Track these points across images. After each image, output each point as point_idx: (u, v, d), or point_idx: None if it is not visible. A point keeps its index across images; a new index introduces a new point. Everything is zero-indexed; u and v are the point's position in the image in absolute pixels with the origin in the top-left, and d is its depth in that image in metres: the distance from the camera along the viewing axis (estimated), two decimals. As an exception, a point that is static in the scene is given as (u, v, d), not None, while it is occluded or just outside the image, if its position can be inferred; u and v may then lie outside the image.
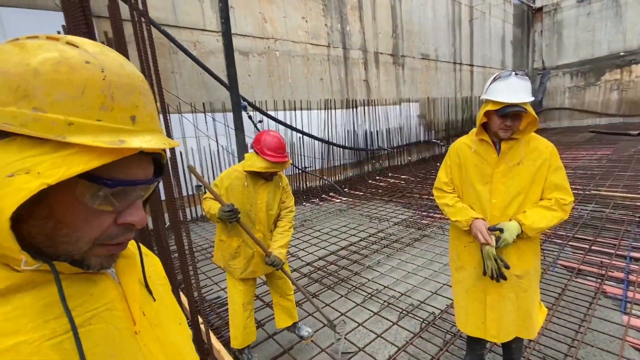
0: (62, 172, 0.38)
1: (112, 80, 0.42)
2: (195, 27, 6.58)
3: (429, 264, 3.80)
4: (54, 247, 0.43)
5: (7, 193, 0.36)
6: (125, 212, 0.46)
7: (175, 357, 0.58)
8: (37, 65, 0.39)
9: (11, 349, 0.38)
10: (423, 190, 7.22)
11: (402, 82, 11.12)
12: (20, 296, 0.41)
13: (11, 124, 0.38)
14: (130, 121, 0.44)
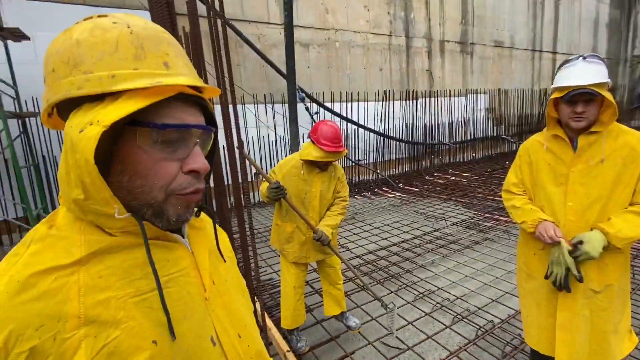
0: (114, 115, 0.42)
1: (138, 33, 0.46)
2: (260, 21, 6.82)
3: (490, 270, 3.49)
4: (136, 199, 0.47)
5: (84, 145, 0.41)
6: (187, 159, 0.49)
7: (239, 324, 0.61)
8: (77, 36, 0.45)
9: (103, 302, 0.43)
10: (487, 190, 6.65)
11: (470, 72, 10.29)
12: (110, 257, 0.46)
13: (70, 89, 0.43)
14: (164, 67, 0.47)
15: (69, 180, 0.44)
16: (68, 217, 0.47)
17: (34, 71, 5.03)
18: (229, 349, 0.57)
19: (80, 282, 0.43)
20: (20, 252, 0.44)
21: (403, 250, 4.07)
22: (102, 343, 0.42)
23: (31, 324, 0.39)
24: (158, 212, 0.48)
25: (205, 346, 0.52)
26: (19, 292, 0.40)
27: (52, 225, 0.47)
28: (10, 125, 4.50)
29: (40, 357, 0.39)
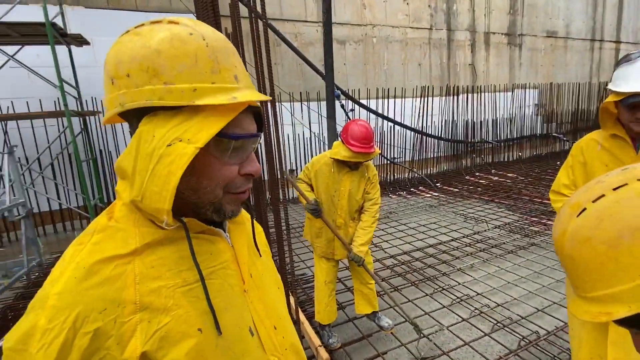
0: (204, 135, 0.45)
1: (213, 46, 0.48)
2: (297, 19, 6.89)
3: (536, 277, 3.26)
4: (200, 198, 0.51)
5: (173, 160, 0.44)
6: (245, 164, 0.53)
7: (274, 316, 0.63)
8: (156, 45, 0.46)
9: (155, 291, 0.47)
10: (535, 192, 6.20)
11: (518, 65, 9.63)
12: (161, 249, 0.50)
13: (152, 99, 0.45)
14: (235, 80, 0.50)
15: (133, 182, 0.47)
16: (124, 210, 0.51)
17: (93, 74, 5.51)
18: (266, 339, 0.59)
19: (135, 271, 0.46)
20: (84, 241, 0.48)
21: (440, 252, 3.93)
22: (155, 328, 0.45)
23: (95, 308, 0.42)
24: (218, 208, 0.53)
25: (244, 336, 0.55)
26: (85, 278, 0.43)
27: (111, 217, 0.51)
28: (73, 123, 4.96)
29: (103, 337, 0.42)
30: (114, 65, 0.47)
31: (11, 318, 2.41)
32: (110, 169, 5.79)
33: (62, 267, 0.46)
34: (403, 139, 7.93)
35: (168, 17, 0.49)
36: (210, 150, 0.49)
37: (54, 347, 0.39)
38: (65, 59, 4.99)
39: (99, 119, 5.63)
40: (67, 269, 0.45)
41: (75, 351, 0.40)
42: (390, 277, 3.37)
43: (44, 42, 4.57)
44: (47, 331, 0.40)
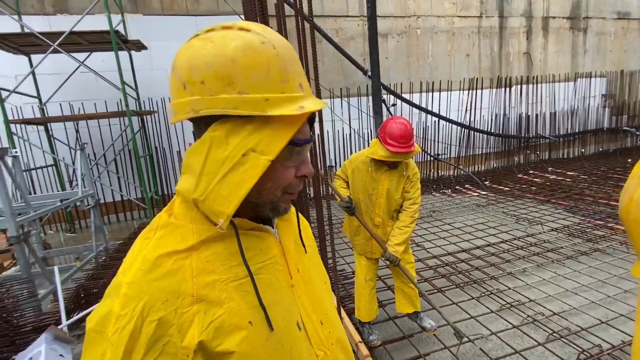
0: (276, 147, 0.48)
1: (282, 54, 0.49)
2: (338, 15, 6.86)
3: (601, 286, 2.95)
4: (261, 198, 0.54)
5: (247, 169, 0.47)
6: (300, 166, 0.56)
7: (321, 311, 0.64)
8: (232, 54, 0.46)
9: (210, 284, 0.49)
10: (600, 192, 5.59)
11: (582, 52, 8.71)
12: (215, 245, 0.52)
13: (226, 108, 0.46)
14: (300, 88, 0.51)
15: (199, 182, 0.49)
16: (182, 208, 0.54)
17: (149, 76, 5.97)
18: (313, 334, 0.60)
19: (192, 265, 0.49)
20: (150, 236, 0.52)
21: (488, 254, 3.71)
22: (210, 319, 0.48)
23: (159, 298, 0.46)
24: (275, 207, 0.56)
25: (292, 330, 0.56)
26: (150, 270, 0.47)
27: (170, 214, 0.54)
28: (132, 122, 5.42)
29: (165, 325, 0.45)
30: (187, 71, 0.48)
31: (83, 296, 2.72)
32: (164, 165, 6.25)
33: (132, 258, 0.50)
34: (448, 134, 7.58)
35: (238, 23, 0.50)
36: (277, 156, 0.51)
37: (126, 332, 0.44)
38: (126, 63, 5.46)
39: (154, 118, 6.08)
40: (135, 261, 0.49)
41: (143, 337, 0.44)
42: (433, 278, 3.25)
43: (109, 48, 5.04)
44: (120, 317, 0.44)
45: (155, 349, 0.45)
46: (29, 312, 2.39)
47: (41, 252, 3.64)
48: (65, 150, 5.70)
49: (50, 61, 5.05)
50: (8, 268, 4.03)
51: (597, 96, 8.94)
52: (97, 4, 4.81)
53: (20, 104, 5.38)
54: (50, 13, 5.47)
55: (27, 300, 2.52)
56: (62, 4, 5.52)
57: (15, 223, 2.72)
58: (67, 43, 4.74)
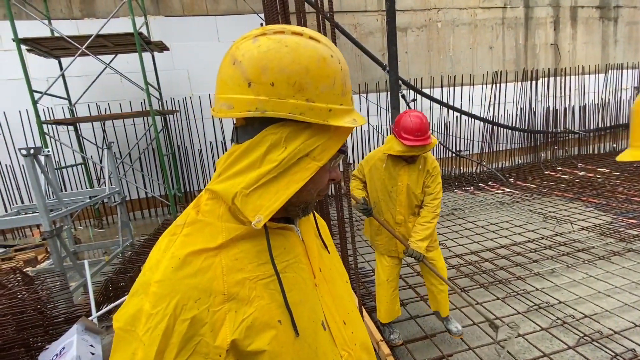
0: (327, 155, 0.51)
1: (345, 69, 0.53)
2: (356, 10, 6.78)
3: (634, 288, 2.79)
4: (299, 199, 0.54)
5: (297, 172, 0.49)
6: (331, 171, 0.58)
7: (343, 311, 0.63)
8: (306, 63, 0.48)
9: (240, 282, 0.49)
10: (633, 190, 5.29)
11: (613, 42, 8.25)
12: (243, 243, 0.52)
13: (294, 113, 0.48)
14: (351, 102, 0.55)
15: (246, 178, 0.49)
16: (209, 205, 0.53)
17: (171, 77, 6.11)
18: (336, 334, 0.59)
19: (222, 263, 0.49)
20: (177, 232, 0.51)
21: (514, 254, 3.58)
22: (241, 318, 0.47)
23: (192, 297, 0.45)
24: (305, 207, 0.58)
25: (317, 330, 0.55)
26: (180, 267, 0.46)
27: (198, 211, 0.54)
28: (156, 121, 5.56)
29: (198, 324, 0.45)
30: (257, 70, 0.47)
31: (111, 289, 2.83)
32: (186, 163, 6.40)
33: (159, 255, 0.49)
34: (471, 129, 7.36)
35: (307, 31, 0.51)
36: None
37: (158, 332, 0.43)
38: (149, 64, 5.60)
39: (177, 117, 6.23)
40: (163, 258, 0.48)
41: (176, 336, 0.43)
42: (456, 277, 3.17)
43: (133, 50, 5.19)
44: (152, 316, 0.44)
45: (188, 349, 0.44)
46: (61, 304, 2.50)
47: (72, 247, 3.81)
48: (93, 149, 5.93)
49: (78, 64, 5.26)
50: (42, 262, 4.25)
51: (630, 88, 8.44)
52: (122, 7, 4.96)
53: (51, 105, 5.64)
54: (78, 17, 5.69)
55: (60, 292, 2.64)
56: (88, 9, 5.73)
57: (49, 219, 2.85)
58: (94, 46, 4.92)
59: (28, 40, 4.67)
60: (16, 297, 2.23)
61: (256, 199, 0.48)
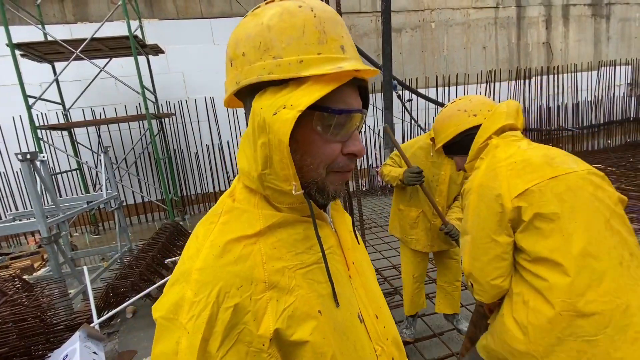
0: (306, 100, 0.44)
1: (321, 16, 0.48)
2: (351, 11, 6.81)
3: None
4: (304, 176, 0.50)
5: (279, 126, 0.44)
6: (348, 143, 0.51)
7: (375, 305, 0.62)
8: (268, 21, 0.47)
9: (280, 271, 0.47)
10: (630, 185, 5.36)
11: (605, 39, 8.38)
12: (280, 231, 0.50)
13: (262, 74, 0.46)
14: (341, 50, 0.48)
15: (256, 157, 0.48)
16: (244, 193, 0.52)
17: (167, 80, 6.08)
18: (370, 328, 0.57)
19: (262, 251, 0.47)
20: (214, 221, 0.50)
21: (514, 249, 3.60)
22: (283, 307, 0.46)
23: (234, 284, 0.44)
24: (321, 188, 0.52)
25: (355, 322, 0.54)
26: (221, 255, 0.45)
27: (234, 199, 0.52)
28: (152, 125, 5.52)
29: (241, 312, 0.43)
30: (232, 47, 0.49)
31: (112, 295, 2.78)
32: (183, 166, 6.35)
33: (198, 243, 0.48)
34: (466, 128, 7.41)
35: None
36: (313, 126, 0.48)
37: (202, 319, 0.42)
38: (144, 67, 5.57)
39: (173, 121, 6.19)
40: (203, 246, 0.47)
41: (219, 324, 0.42)
42: (459, 274, 3.18)
43: (128, 53, 5.15)
44: (195, 304, 0.43)
45: (231, 337, 0.43)
46: (61, 311, 2.45)
47: (69, 253, 3.75)
48: (88, 154, 5.86)
49: (73, 68, 5.21)
50: (38, 269, 4.18)
51: (623, 85, 8.58)
52: (116, 10, 4.92)
53: (45, 110, 5.57)
54: (72, 22, 5.64)
55: (59, 299, 2.59)
56: (82, 13, 5.68)
57: (47, 224, 2.80)
58: (88, 50, 4.88)
59: (22, 45, 4.62)
60: (17, 305, 2.19)
61: (277, 172, 0.47)
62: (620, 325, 0.85)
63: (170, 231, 4.03)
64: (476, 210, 1.05)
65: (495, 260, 1.00)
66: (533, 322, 0.92)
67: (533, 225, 0.94)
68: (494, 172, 1.02)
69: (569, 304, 0.87)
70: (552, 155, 1.01)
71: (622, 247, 0.91)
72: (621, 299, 0.86)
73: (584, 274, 0.88)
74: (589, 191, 0.94)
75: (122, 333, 2.71)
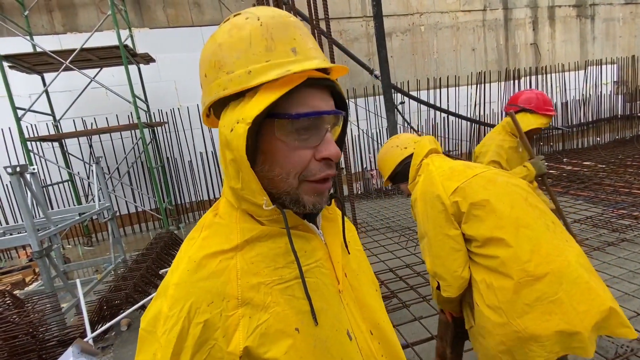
0: (254, 111, 0.44)
1: (267, 23, 0.47)
2: (341, 17, 6.86)
3: (632, 277, 2.84)
4: (275, 187, 0.49)
5: (236, 143, 0.45)
6: (319, 147, 0.49)
7: (371, 320, 0.58)
8: (219, 39, 0.48)
9: (255, 287, 0.47)
10: (620, 181, 5.44)
11: (591, 39, 8.55)
12: (259, 245, 0.49)
13: (218, 91, 0.47)
14: (292, 53, 0.47)
15: (229, 173, 0.49)
16: (227, 207, 0.52)
17: (158, 88, 6.05)
18: (363, 345, 0.54)
19: (237, 266, 0.47)
20: (195, 237, 0.51)
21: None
22: (255, 324, 0.45)
23: (205, 300, 0.44)
24: (295, 199, 0.49)
25: (342, 340, 0.51)
26: (195, 271, 0.45)
27: (216, 214, 0.53)
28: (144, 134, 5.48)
29: (211, 328, 0.43)
30: (199, 72, 0.51)
31: (106, 308, 2.73)
32: (176, 175, 6.30)
33: (179, 259, 0.49)
34: (458, 130, 7.48)
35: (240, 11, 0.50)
36: (276, 133, 0.47)
37: (173, 333, 0.42)
38: (135, 76, 5.54)
39: (165, 129, 6.15)
40: (182, 262, 0.48)
41: (190, 339, 0.43)
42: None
43: (118, 63, 5.12)
44: (168, 318, 0.43)
45: (202, 352, 0.43)
46: (53, 326, 2.40)
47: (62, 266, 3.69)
48: (80, 165, 5.79)
49: (62, 79, 5.16)
50: (30, 284, 4.09)
51: (610, 83, 8.74)
52: (105, 20, 4.90)
53: (35, 122, 5.50)
54: (61, 32, 5.60)
55: (52, 314, 2.54)
56: (71, 23, 5.65)
57: (38, 238, 2.75)
58: (78, 60, 4.84)
59: (10, 57, 4.57)
60: (8, 322, 2.14)
61: (246, 187, 0.47)
62: (571, 278, 1.00)
63: (164, 241, 3.99)
64: (425, 213, 1.25)
65: (451, 252, 1.16)
66: (502, 300, 1.05)
67: (472, 214, 1.13)
68: (430, 180, 1.25)
69: (522, 270, 1.02)
70: (469, 164, 1.31)
71: (544, 217, 1.12)
72: (561, 257, 1.03)
73: (524, 242, 1.05)
74: (504, 180, 1.19)
75: (117, 346, 2.66)
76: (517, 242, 1.05)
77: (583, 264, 1.05)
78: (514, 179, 1.23)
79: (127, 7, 5.58)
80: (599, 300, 0.98)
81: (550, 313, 0.98)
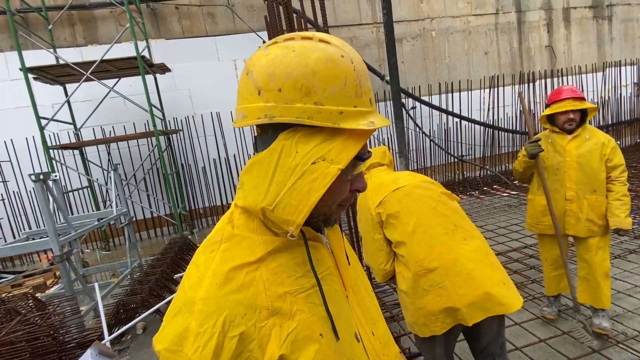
0: (345, 156, 0.47)
1: (359, 69, 0.49)
2: (352, 24, 6.92)
3: (656, 286, 2.73)
4: (317, 210, 0.51)
5: (317, 177, 0.46)
6: (354, 181, 0.55)
7: (371, 322, 0.63)
8: (313, 65, 0.46)
9: (281, 296, 0.48)
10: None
11: (609, 40, 8.34)
12: (280, 256, 0.51)
13: (301, 117, 0.46)
14: (370, 104, 0.50)
15: (267, 191, 0.48)
16: (242, 218, 0.53)
17: (173, 97, 6.22)
18: (368, 345, 0.58)
19: (263, 277, 0.48)
20: (215, 249, 0.51)
21: (526, 256, 3.53)
22: (286, 332, 0.47)
23: (238, 313, 0.45)
24: (327, 219, 0.55)
25: (352, 342, 0.55)
26: (224, 283, 0.46)
27: (233, 226, 0.53)
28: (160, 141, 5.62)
29: (247, 340, 0.44)
30: (264, 77, 0.47)
31: (123, 311, 2.80)
32: (190, 181, 6.43)
33: (200, 272, 0.49)
34: (471, 134, 7.38)
35: (317, 35, 0.50)
36: (344, 171, 0.50)
37: (208, 350, 0.42)
38: (151, 86, 5.71)
39: (180, 137, 6.30)
40: (205, 275, 0.47)
41: (225, 353, 0.43)
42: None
43: (136, 73, 5.30)
44: (200, 334, 0.43)
45: None
46: (73, 328, 2.47)
47: (81, 270, 3.80)
48: (99, 172, 5.98)
49: (83, 89, 5.37)
50: (51, 286, 4.23)
51: (630, 85, 8.49)
52: (124, 32, 5.09)
53: (57, 130, 5.73)
54: (82, 44, 5.84)
55: (71, 317, 2.62)
56: (91, 36, 5.89)
57: (59, 243, 2.85)
58: (98, 71, 5.03)
59: (34, 69, 4.79)
60: (31, 323, 2.22)
61: (281, 213, 0.47)
62: (455, 271, 1.31)
63: (179, 245, 4.07)
64: (361, 221, 1.60)
65: (376, 251, 1.50)
66: (409, 286, 1.39)
67: (389, 222, 1.43)
68: (364, 194, 1.53)
69: (418, 265, 1.35)
70: (398, 177, 1.55)
71: (446, 223, 1.39)
72: (450, 255, 1.33)
73: (420, 244, 1.36)
74: (418, 193, 1.45)
75: (133, 349, 2.72)
76: (412, 244, 1.37)
77: (473, 259, 1.33)
78: (430, 190, 1.48)
79: (144, 18, 5.78)
80: (474, 286, 1.28)
81: (440, 295, 1.31)
